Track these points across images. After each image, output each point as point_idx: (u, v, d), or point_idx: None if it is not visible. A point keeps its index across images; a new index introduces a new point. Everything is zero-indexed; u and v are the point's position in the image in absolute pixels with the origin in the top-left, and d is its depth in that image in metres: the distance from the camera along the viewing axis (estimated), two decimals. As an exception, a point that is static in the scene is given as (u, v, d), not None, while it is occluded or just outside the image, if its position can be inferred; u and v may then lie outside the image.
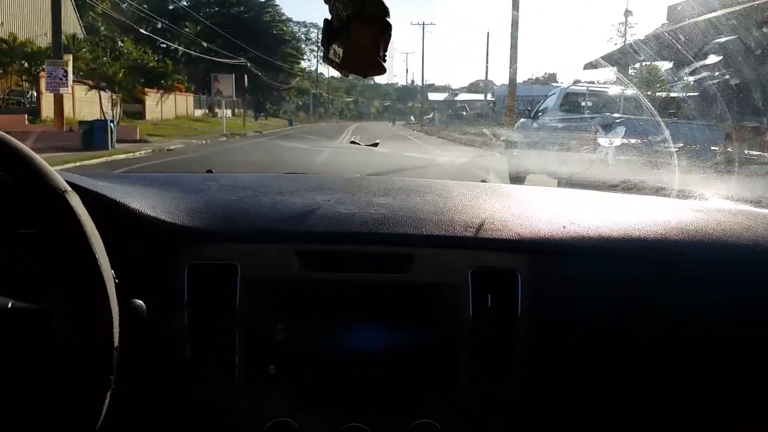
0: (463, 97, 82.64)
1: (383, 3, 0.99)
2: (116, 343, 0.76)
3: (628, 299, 1.21)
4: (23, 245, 0.83)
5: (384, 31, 1.00)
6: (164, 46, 50.53)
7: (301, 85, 77.91)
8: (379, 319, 1.20)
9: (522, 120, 11.53)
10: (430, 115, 57.93)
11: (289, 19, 78.21)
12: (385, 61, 1.02)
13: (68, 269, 0.75)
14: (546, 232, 1.27)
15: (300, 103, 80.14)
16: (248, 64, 44.50)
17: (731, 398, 1.20)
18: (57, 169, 0.80)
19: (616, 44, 40.69)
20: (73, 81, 26.25)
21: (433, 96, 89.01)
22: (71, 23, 35.05)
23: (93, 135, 17.21)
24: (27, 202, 0.75)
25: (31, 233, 0.77)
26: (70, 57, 18.04)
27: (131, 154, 17.04)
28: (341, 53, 1.01)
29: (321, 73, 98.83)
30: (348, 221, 1.28)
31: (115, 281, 0.78)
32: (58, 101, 17.80)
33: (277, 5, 73.56)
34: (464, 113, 52.00)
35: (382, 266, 1.22)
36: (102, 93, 25.36)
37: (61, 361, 0.74)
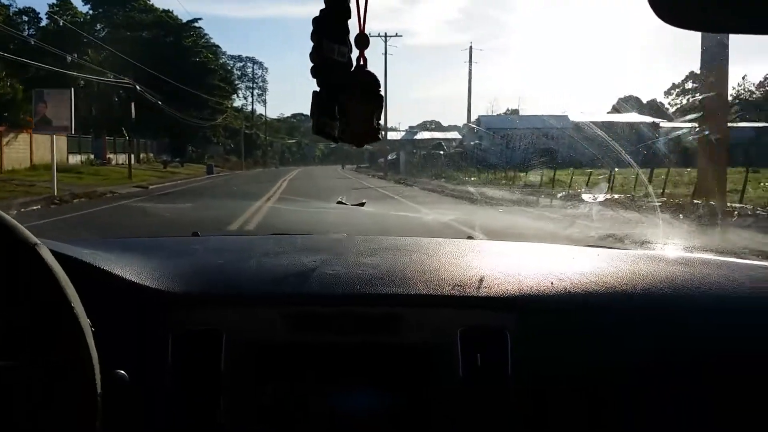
0: (424, 135, 71.66)
1: (375, 76, 1.04)
2: (99, 390, 0.76)
3: (618, 353, 1.21)
4: None
5: (377, 102, 1.05)
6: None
7: (233, 125, 65.05)
8: (368, 381, 1.19)
9: None
10: (392, 157, 45.63)
11: (217, 46, 65.74)
12: (379, 128, 1.08)
13: (44, 320, 0.75)
14: (534, 289, 1.27)
15: (232, 146, 66.98)
16: (137, 87, 31.35)
17: None
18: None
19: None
20: None
21: (388, 135, 77.61)
22: None
23: None
24: None
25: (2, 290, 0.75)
26: None
27: None
28: (337, 126, 1.05)
29: (260, 115, 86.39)
30: (334, 282, 1.27)
31: (91, 329, 0.78)
32: None
33: (201, 28, 61.12)
34: (441, 152, 39.87)
35: (369, 327, 1.21)
36: None
37: (45, 415, 0.74)
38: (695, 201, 14.89)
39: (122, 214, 14.17)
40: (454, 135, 68.64)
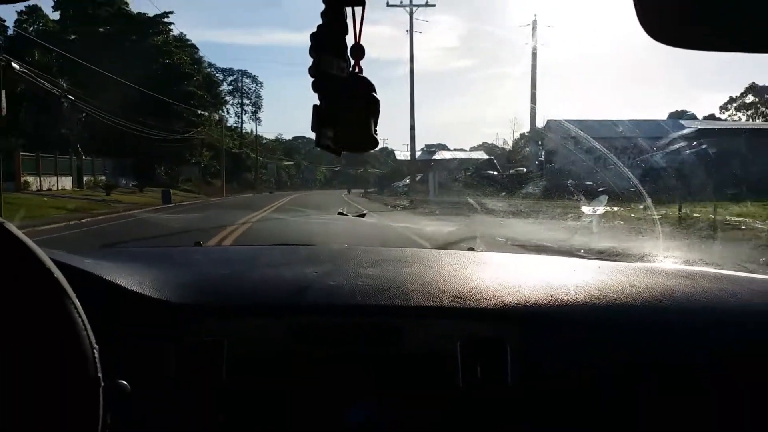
0: (443, 155, 60.99)
1: (368, 80, 1.03)
2: (95, 344, 0.72)
3: (617, 366, 1.21)
4: None
5: (373, 107, 1.04)
6: None
7: (218, 142, 53.93)
8: (369, 392, 1.20)
9: None
10: (411, 180, 34.26)
11: (195, 47, 54.69)
12: (377, 134, 1.06)
13: (25, 289, 0.71)
14: (534, 301, 1.27)
15: (217, 167, 55.71)
16: (16, 66, 20.02)
17: None
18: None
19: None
20: None
21: (398, 157, 67.12)
22: None
23: None
24: None
25: None
26: None
27: None
28: (335, 136, 1.04)
29: (258, 135, 75.32)
30: (336, 293, 1.29)
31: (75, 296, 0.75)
32: None
33: (172, 24, 50.07)
34: (495, 172, 28.59)
35: (370, 338, 1.22)
36: None
37: (46, 369, 0.70)
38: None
39: None
40: (480, 154, 58.00)
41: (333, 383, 1.19)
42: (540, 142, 33.76)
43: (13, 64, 19.09)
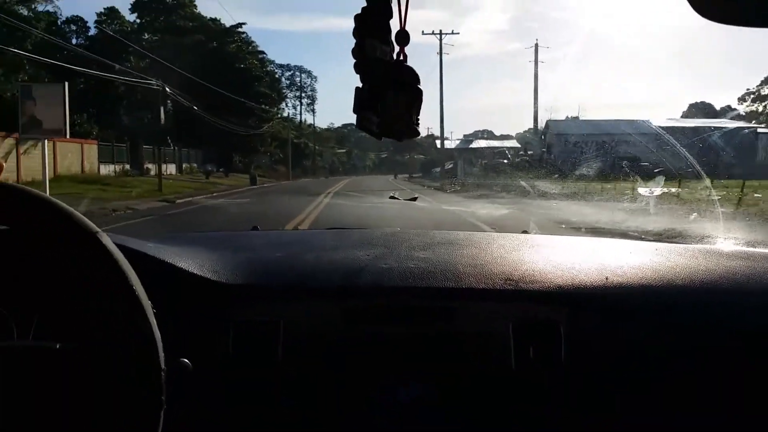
0: (480, 144, 67.83)
1: (414, 70, 1.03)
2: (163, 366, 0.77)
3: (675, 349, 1.19)
4: (58, 289, 0.81)
5: (416, 97, 1.04)
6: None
7: (280, 134, 62.42)
8: (422, 372, 1.21)
9: None
10: (449, 165, 42.13)
11: (263, 52, 63.21)
12: (418, 124, 1.06)
13: (108, 303, 0.77)
14: (588, 284, 1.26)
15: (280, 155, 64.33)
16: (167, 90, 28.50)
17: None
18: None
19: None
20: None
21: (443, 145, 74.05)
22: None
23: None
24: (60, 247, 0.78)
25: (65, 276, 0.79)
26: None
27: None
28: (377, 121, 1.04)
29: (310, 124, 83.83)
30: (388, 276, 1.29)
31: (153, 311, 0.80)
32: None
33: (245, 33, 58.60)
34: (505, 161, 36.07)
35: (423, 320, 1.23)
36: None
37: (111, 393, 0.75)
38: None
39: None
40: (513, 143, 64.75)
41: (385, 364, 1.20)
42: (543, 137, 41.26)
43: (167, 88, 27.42)
